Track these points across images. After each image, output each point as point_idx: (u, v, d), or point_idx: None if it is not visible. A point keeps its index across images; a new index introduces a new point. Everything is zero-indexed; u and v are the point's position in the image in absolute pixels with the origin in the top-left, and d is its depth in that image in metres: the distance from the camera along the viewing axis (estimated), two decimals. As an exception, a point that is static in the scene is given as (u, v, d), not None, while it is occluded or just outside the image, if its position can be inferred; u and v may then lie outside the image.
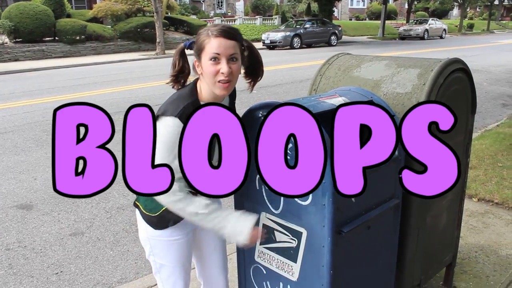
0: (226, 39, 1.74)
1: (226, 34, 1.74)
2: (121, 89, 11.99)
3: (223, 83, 1.76)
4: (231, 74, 1.75)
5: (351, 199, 1.95)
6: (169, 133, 1.74)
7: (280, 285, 2.15)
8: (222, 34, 1.74)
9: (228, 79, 1.75)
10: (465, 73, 2.54)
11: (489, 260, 3.45)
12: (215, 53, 1.73)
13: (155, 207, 1.93)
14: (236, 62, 1.78)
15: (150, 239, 2.04)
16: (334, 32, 28.10)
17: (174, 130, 1.73)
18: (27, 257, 3.86)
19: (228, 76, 1.75)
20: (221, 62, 1.74)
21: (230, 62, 1.75)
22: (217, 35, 1.74)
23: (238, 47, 1.78)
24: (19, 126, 8.27)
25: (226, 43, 1.74)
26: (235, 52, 1.76)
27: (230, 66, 1.75)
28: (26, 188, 5.38)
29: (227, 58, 1.74)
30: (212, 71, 1.75)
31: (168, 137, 1.74)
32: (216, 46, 1.73)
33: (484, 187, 4.78)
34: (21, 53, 20.89)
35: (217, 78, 1.76)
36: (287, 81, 12.63)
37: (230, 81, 1.77)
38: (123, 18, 25.27)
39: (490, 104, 9.73)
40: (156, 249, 2.05)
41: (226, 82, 1.76)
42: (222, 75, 1.74)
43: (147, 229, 2.02)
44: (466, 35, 40.90)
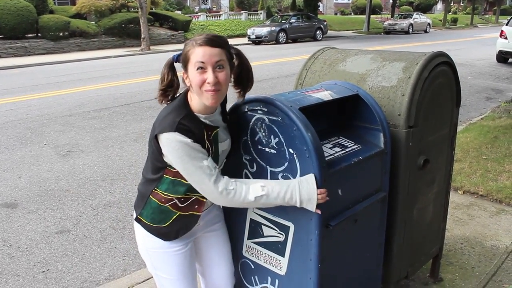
0: (210, 47, 1.69)
1: (210, 42, 1.70)
2: (106, 86, 11.88)
3: (211, 92, 1.70)
4: (217, 83, 1.70)
5: (338, 192, 1.96)
6: (176, 148, 1.70)
7: (268, 279, 2.15)
8: (206, 42, 1.70)
9: (214, 88, 1.70)
10: (449, 66, 2.56)
11: (474, 251, 3.49)
12: (199, 62, 1.68)
13: (164, 218, 1.90)
14: (223, 69, 1.72)
15: (149, 251, 2.00)
16: (319, 26, 28.14)
17: (179, 142, 1.69)
18: (12, 256, 3.82)
19: (214, 85, 1.69)
20: (207, 71, 1.69)
21: (216, 70, 1.70)
22: (201, 43, 1.69)
23: (224, 54, 1.73)
24: (2, 124, 8.15)
25: (211, 51, 1.69)
26: (220, 59, 1.71)
27: (217, 75, 1.70)
28: (10, 187, 5.31)
29: (213, 66, 1.69)
30: (198, 81, 1.70)
31: (181, 150, 1.70)
32: (201, 55, 1.68)
33: (469, 180, 4.83)
34: (3, 50, 20.55)
35: (204, 88, 1.70)
36: (273, 76, 12.63)
37: (218, 90, 1.72)
38: (107, 14, 25.00)
39: (474, 98, 9.84)
40: (157, 262, 2.01)
41: (213, 92, 1.70)
42: (209, 84, 1.69)
43: (146, 243, 1.98)
44: (450, 29, 41.25)
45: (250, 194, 1.78)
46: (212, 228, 2.15)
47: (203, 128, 1.77)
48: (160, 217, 1.90)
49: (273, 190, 1.80)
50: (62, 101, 10.12)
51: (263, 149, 1.96)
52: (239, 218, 2.19)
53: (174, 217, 1.89)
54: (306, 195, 1.79)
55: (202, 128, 1.77)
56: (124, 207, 4.67)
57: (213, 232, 2.16)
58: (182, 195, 1.86)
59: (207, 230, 2.12)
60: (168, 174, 1.83)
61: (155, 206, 1.90)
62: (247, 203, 1.81)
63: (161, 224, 1.91)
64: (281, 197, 1.79)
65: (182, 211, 1.90)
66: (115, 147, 6.71)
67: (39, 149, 6.71)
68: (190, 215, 1.92)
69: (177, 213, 1.89)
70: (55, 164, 6.04)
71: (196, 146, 1.72)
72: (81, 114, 8.83)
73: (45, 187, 5.28)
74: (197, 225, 1.99)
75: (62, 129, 7.74)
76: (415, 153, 2.37)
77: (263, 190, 1.79)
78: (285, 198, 1.80)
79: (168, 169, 1.82)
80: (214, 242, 2.17)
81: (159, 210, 1.89)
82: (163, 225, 1.91)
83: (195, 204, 1.91)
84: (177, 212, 1.89)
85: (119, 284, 3.27)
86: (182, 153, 1.70)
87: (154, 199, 1.89)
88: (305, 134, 1.79)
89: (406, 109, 2.25)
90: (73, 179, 5.49)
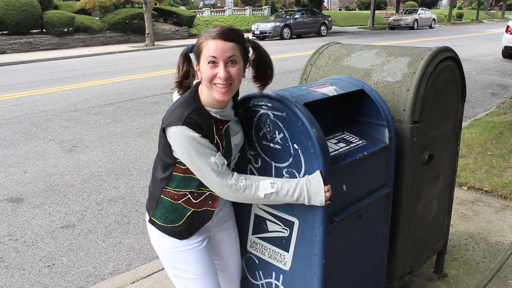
0: (223, 41, 1.65)
1: (224, 36, 1.65)
2: (111, 81, 11.90)
3: (221, 87, 1.68)
4: (229, 78, 1.67)
5: (343, 187, 1.96)
6: (182, 143, 1.68)
7: (273, 274, 2.16)
8: (220, 36, 1.65)
9: (225, 83, 1.67)
10: (454, 61, 2.55)
11: (479, 247, 3.49)
12: (211, 56, 1.65)
13: (178, 216, 1.88)
14: (236, 65, 1.68)
15: (167, 253, 1.96)
16: (324, 22, 28.06)
17: (187, 138, 1.67)
18: (18, 250, 3.84)
19: (225, 80, 1.66)
20: (219, 65, 1.66)
21: (228, 65, 1.67)
22: (215, 37, 1.65)
23: (238, 49, 1.69)
24: (7, 120, 8.19)
25: (223, 46, 1.65)
26: (233, 55, 1.67)
27: (229, 70, 1.66)
28: (16, 181, 5.33)
29: (225, 61, 1.66)
30: (209, 75, 1.67)
31: (188, 145, 1.68)
32: (213, 49, 1.64)
33: (474, 175, 4.82)
34: (8, 46, 20.63)
35: (214, 81, 1.67)
36: (277, 71, 12.55)
37: (230, 85, 1.69)
38: (112, 10, 25.00)
39: (479, 93, 9.79)
40: (177, 262, 1.97)
41: (224, 87, 1.68)
42: (220, 79, 1.66)
43: (162, 244, 1.94)
44: (455, 24, 41.03)
45: (260, 191, 1.77)
46: (224, 226, 2.13)
47: (212, 123, 1.75)
48: (174, 215, 1.88)
49: (283, 187, 1.79)
50: (66, 96, 10.15)
51: (268, 144, 1.97)
52: (243, 214, 2.19)
53: (188, 214, 1.87)
54: (314, 192, 1.78)
55: (212, 122, 1.75)
56: (128, 202, 4.69)
57: (226, 231, 2.14)
58: (194, 189, 1.84)
59: (220, 228, 2.10)
60: (177, 172, 1.81)
61: (168, 205, 1.87)
62: (257, 200, 1.80)
63: (175, 223, 1.88)
64: (290, 194, 1.79)
65: (196, 207, 1.88)
66: (120, 142, 6.72)
67: (44, 144, 6.74)
68: (204, 211, 1.90)
69: (191, 209, 1.87)
70: (60, 159, 6.06)
71: (204, 142, 1.69)
72: (86, 109, 8.85)
73: (50, 182, 5.30)
74: (211, 221, 1.98)
75: (67, 125, 7.77)
76: (419, 149, 2.37)
77: (272, 187, 1.78)
78: (294, 195, 1.79)
79: (178, 166, 1.79)
80: (226, 240, 2.15)
81: (172, 208, 1.87)
82: (177, 224, 1.88)
83: (208, 200, 1.89)
84: (190, 209, 1.87)
85: (124, 279, 3.28)
86: (189, 147, 1.68)
87: (166, 197, 1.86)
88: (310, 129, 1.79)
89: (411, 105, 2.24)
90: (78, 174, 5.51)
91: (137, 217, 4.35)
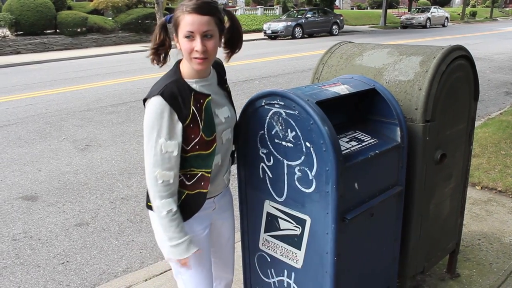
0: (199, 15, 1.67)
1: (199, 10, 1.67)
2: (123, 81, 11.98)
3: (199, 60, 1.72)
4: (205, 51, 1.70)
5: (355, 186, 1.97)
6: (151, 111, 1.71)
7: (285, 272, 2.17)
8: (196, 10, 1.67)
9: (202, 56, 1.70)
10: (467, 60, 2.54)
11: (492, 247, 3.46)
12: (188, 31, 1.68)
13: None
14: (212, 38, 1.71)
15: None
16: (335, 21, 27.96)
17: (156, 109, 1.70)
18: (33, 247, 3.90)
19: (202, 54, 1.70)
20: (196, 39, 1.69)
21: (204, 39, 1.69)
22: (190, 11, 1.67)
23: (213, 22, 1.70)
24: (22, 119, 8.29)
25: (199, 20, 1.67)
26: (208, 29, 1.69)
27: (205, 44, 1.69)
28: (30, 180, 5.41)
29: (201, 35, 1.68)
30: (187, 48, 1.71)
31: (151, 115, 1.71)
32: (189, 23, 1.67)
33: (487, 175, 4.78)
34: (23, 46, 20.86)
35: (192, 55, 1.71)
36: (289, 71, 12.60)
37: (206, 58, 1.72)
38: (124, 10, 25.16)
39: (493, 92, 9.70)
40: None
41: (201, 59, 1.71)
42: (197, 52, 1.69)
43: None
44: (468, 23, 40.65)
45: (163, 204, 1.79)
46: (224, 215, 2.14)
47: (191, 95, 1.77)
48: None
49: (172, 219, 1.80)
50: (80, 96, 10.24)
51: (280, 142, 1.98)
52: (255, 212, 2.21)
53: (183, 198, 1.88)
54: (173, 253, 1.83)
55: (191, 95, 1.77)
56: (141, 200, 4.73)
57: (225, 219, 2.16)
58: (187, 170, 1.85)
59: (220, 215, 2.11)
60: None
61: None
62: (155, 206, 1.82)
63: None
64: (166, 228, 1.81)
65: (189, 189, 1.88)
66: (132, 141, 6.77)
67: (58, 143, 6.81)
68: (197, 193, 1.90)
69: (185, 192, 1.88)
70: (73, 158, 6.13)
71: (170, 121, 1.71)
72: (99, 109, 8.92)
73: (64, 180, 5.36)
74: (213, 209, 2.01)
75: (81, 124, 7.84)
76: (432, 148, 2.36)
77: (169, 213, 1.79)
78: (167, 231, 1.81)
79: None
80: (225, 227, 2.17)
81: None
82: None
83: (201, 181, 1.88)
84: (185, 192, 1.88)
85: (136, 276, 3.31)
86: (153, 118, 1.71)
87: None
88: (322, 127, 1.80)
89: (423, 103, 2.24)
90: (91, 173, 5.57)
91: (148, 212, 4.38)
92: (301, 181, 1.94)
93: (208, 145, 1.82)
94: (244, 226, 2.32)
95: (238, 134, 2.08)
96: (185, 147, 1.79)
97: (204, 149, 1.82)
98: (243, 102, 2.08)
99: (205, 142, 1.81)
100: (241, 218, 2.32)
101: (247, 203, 2.25)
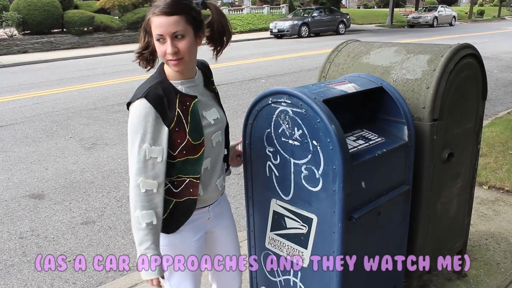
0: (166, 17, 1.61)
1: (166, 11, 1.61)
2: (130, 80, 11.99)
3: (173, 62, 1.67)
4: (177, 53, 1.65)
5: (362, 184, 1.96)
6: (135, 115, 1.67)
7: (291, 271, 2.16)
8: (162, 12, 1.62)
9: (176, 57, 1.66)
10: (475, 58, 2.52)
11: (499, 247, 3.44)
12: (158, 34, 1.64)
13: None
14: (183, 38, 1.64)
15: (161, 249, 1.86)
16: (342, 20, 27.89)
17: (140, 112, 1.66)
18: (40, 245, 3.91)
19: (174, 55, 1.65)
20: (166, 41, 1.64)
21: (175, 40, 1.64)
22: (157, 13, 1.62)
23: (183, 21, 1.63)
24: (29, 117, 8.33)
25: (167, 21, 1.61)
26: (177, 30, 1.62)
27: (176, 45, 1.64)
28: (37, 178, 5.43)
29: (171, 36, 1.63)
30: (160, 51, 1.67)
31: (135, 119, 1.67)
32: (158, 26, 1.63)
33: (495, 175, 4.75)
34: (30, 45, 20.95)
35: (166, 58, 1.68)
36: (295, 70, 12.58)
37: (180, 59, 1.67)
38: (130, 9, 25.22)
39: (500, 92, 9.64)
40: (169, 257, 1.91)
41: (175, 60, 1.67)
42: (169, 55, 1.65)
43: None
44: (476, 22, 40.40)
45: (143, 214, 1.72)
46: (222, 223, 2.06)
47: (176, 97, 1.73)
48: None
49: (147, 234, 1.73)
50: (86, 94, 10.28)
51: (287, 141, 1.97)
52: (261, 210, 2.20)
53: (171, 206, 1.82)
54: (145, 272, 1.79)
55: (176, 97, 1.72)
56: (147, 199, 4.73)
57: (223, 229, 2.08)
58: (173, 177, 1.79)
59: (217, 224, 2.03)
60: None
61: None
62: (134, 216, 1.75)
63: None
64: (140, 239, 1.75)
65: (178, 197, 1.82)
66: (139, 140, 6.77)
67: (65, 142, 6.84)
68: (186, 200, 1.83)
69: (173, 200, 1.82)
70: (80, 157, 6.15)
71: (156, 125, 1.67)
72: (105, 107, 8.95)
73: (70, 179, 5.38)
74: (208, 218, 1.95)
75: (87, 122, 7.87)
76: (439, 147, 2.35)
77: (148, 225, 1.72)
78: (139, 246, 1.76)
79: None
80: (224, 237, 2.09)
81: None
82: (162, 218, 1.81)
83: (189, 188, 1.81)
84: (172, 200, 1.81)
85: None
86: (137, 122, 1.66)
87: None
88: (329, 126, 1.79)
89: (431, 102, 2.23)
90: (98, 171, 5.59)
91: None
92: (308, 180, 1.93)
93: (196, 149, 1.76)
94: (250, 225, 2.32)
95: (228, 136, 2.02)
96: (172, 152, 1.73)
97: (192, 154, 1.76)
98: (249, 101, 2.07)
99: (193, 146, 1.75)
100: (247, 217, 2.32)
101: (253, 201, 2.25)
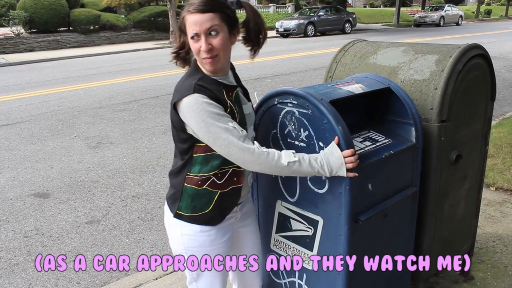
0: (201, 14, 1.63)
1: (200, 9, 1.64)
2: (135, 78, 12.02)
3: (208, 59, 1.67)
4: (211, 50, 1.66)
5: (368, 186, 1.93)
6: (200, 109, 1.64)
7: (296, 273, 2.14)
8: (197, 9, 1.64)
9: (210, 55, 1.66)
10: (484, 59, 2.49)
11: (507, 250, 3.40)
12: (193, 32, 1.65)
13: (206, 202, 1.80)
14: (217, 35, 1.66)
15: (188, 251, 1.88)
16: (348, 19, 27.82)
17: (202, 103, 1.64)
18: (44, 244, 3.91)
19: (209, 53, 1.66)
20: (201, 39, 1.65)
21: (209, 37, 1.65)
22: (192, 11, 1.65)
23: (217, 17, 1.65)
24: (35, 116, 8.35)
25: (201, 18, 1.63)
26: (212, 25, 1.64)
27: (210, 42, 1.65)
28: (42, 177, 5.43)
29: (205, 33, 1.64)
30: (194, 49, 1.69)
31: (203, 112, 1.63)
32: (192, 24, 1.65)
33: (502, 176, 4.71)
34: (36, 44, 21.04)
35: (200, 56, 1.68)
36: (301, 69, 12.54)
37: (215, 56, 1.68)
38: (137, 7, 25.29)
39: (508, 92, 9.56)
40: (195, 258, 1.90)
41: (209, 58, 1.67)
42: (204, 52, 1.66)
43: (184, 240, 1.86)
44: (483, 21, 40.18)
45: (283, 158, 1.69)
46: (247, 223, 2.06)
47: (221, 88, 1.73)
48: (202, 202, 1.80)
49: (304, 158, 1.72)
50: (92, 93, 10.29)
51: (293, 142, 1.95)
52: (267, 212, 2.19)
53: (216, 198, 1.80)
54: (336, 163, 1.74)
55: (221, 88, 1.73)
56: (152, 198, 4.73)
57: (248, 227, 2.08)
58: (217, 170, 1.77)
59: (243, 224, 2.04)
60: (197, 152, 1.75)
61: (193, 193, 1.79)
62: (279, 168, 1.70)
63: (204, 210, 1.81)
64: (312, 164, 1.72)
65: (222, 188, 1.80)
66: (144, 139, 6.78)
67: (70, 141, 6.84)
68: (231, 190, 1.83)
69: (218, 192, 1.80)
70: (85, 156, 6.15)
71: (218, 107, 1.66)
72: (111, 106, 8.96)
73: (75, 178, 5.38)
74: (235, 218, 1.94)
75: (92, 121, 7.87)
76: (447, 148, 2.32)
77: (295, 156, 1.71)
78: (315, 166, 1.73)
79: (197, 146, 1.74)
80: (249, 236, 2.10)
81: (198, 195, 1.79)
82: (206, 211, 1.81)
83: (233, 177, 1.81)
84: (217, 192, 1.80)
85: (147, 275, 3.31)
86: (204, 115, 1.63)
87: (190, 185, 1.79)
88: (335, 127, 1.77)
89: (439, 103, 2.20)
90: (103, 170, 5.59)
91: (161, 213, 4.38)
92: (314, 182, 1.91)
93: None
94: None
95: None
96: None
97: None
98: (254, 101, 2.05)
99: None
100: (253, 218, 2.30)
101: (259, 203, 2.23)
